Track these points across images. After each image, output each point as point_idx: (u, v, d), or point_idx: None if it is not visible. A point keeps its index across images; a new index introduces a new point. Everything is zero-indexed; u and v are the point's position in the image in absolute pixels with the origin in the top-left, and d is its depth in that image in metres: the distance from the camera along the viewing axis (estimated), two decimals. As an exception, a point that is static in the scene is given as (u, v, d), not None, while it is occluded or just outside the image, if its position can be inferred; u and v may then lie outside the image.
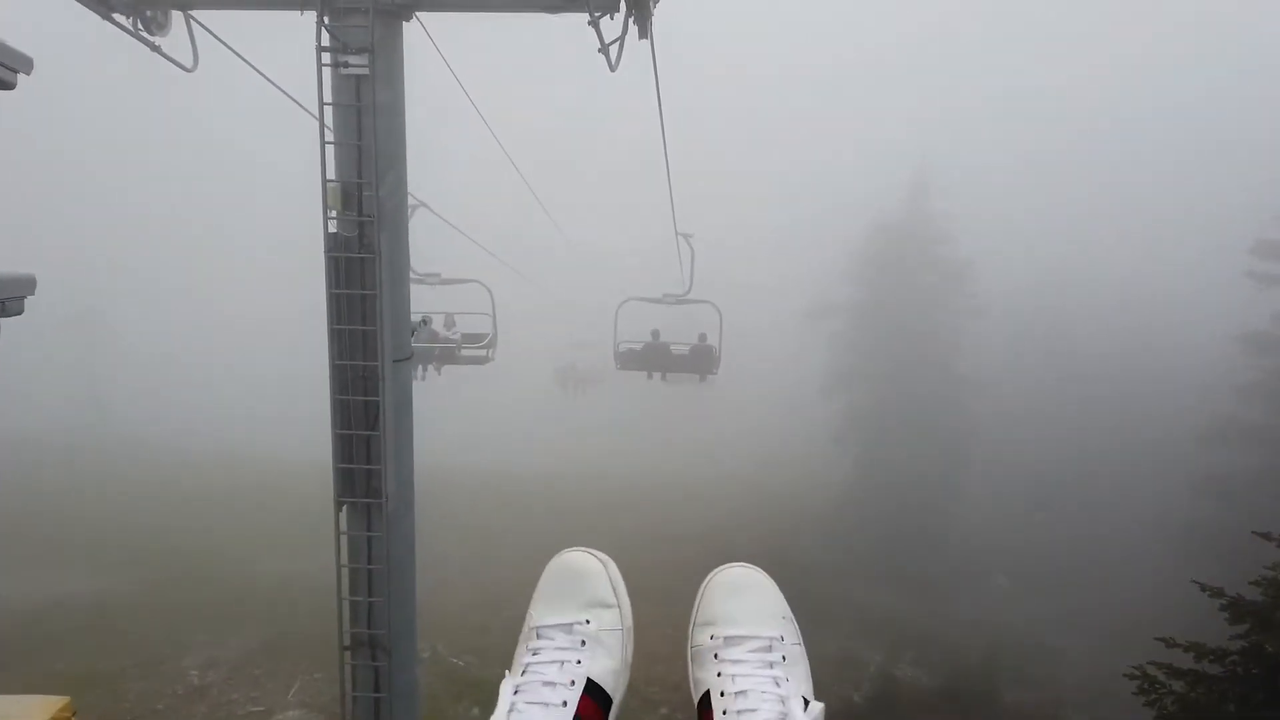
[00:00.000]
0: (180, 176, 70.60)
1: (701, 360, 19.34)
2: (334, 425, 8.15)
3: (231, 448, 46.60)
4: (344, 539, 8.39)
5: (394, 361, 8.29)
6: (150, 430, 48.85)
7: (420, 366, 16.42)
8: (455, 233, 15.73)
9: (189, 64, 9.01)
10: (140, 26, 8.31)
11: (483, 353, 17.45)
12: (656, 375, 19.82)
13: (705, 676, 2.08)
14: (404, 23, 8.15)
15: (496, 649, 23.59)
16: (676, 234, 17.16)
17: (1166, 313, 47.17)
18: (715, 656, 2.08)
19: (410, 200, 13.19)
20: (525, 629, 2.24)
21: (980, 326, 40.87)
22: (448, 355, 17.57)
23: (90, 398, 52.03)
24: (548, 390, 34.35)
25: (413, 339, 16.30)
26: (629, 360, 19.49)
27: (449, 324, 18.16)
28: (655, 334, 19.70)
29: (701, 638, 2.16)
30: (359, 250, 8.01)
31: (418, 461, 8.87)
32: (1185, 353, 42.71)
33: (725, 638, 2.11)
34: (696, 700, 2.05)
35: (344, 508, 8.34)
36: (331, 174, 7.93)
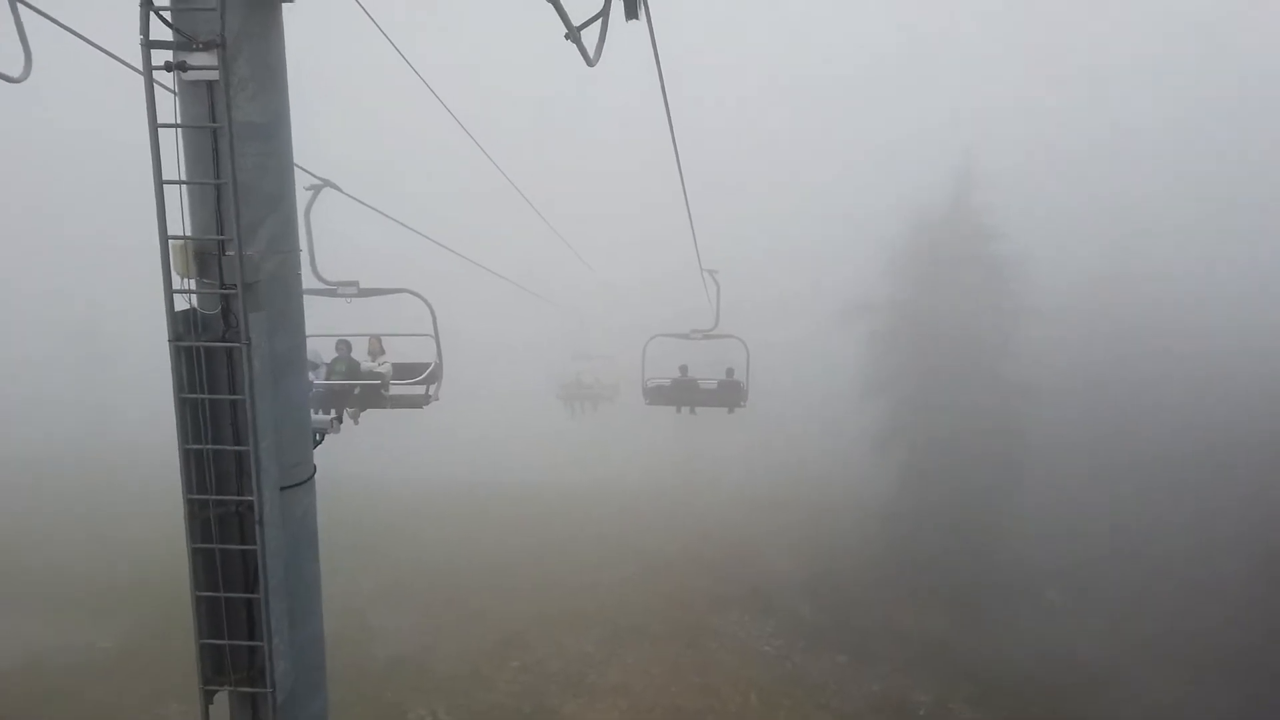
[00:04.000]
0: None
1: (730, 394, 19.45)
2: (193, 585, 5.70)
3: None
4: (218, 743, 5.94)
5: (282, 489, 5.81)
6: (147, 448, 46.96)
7: (331, 412, 12.51)
8: (418, 231, 13.21)
9: (17, 72, 6.59)
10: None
11: (421, 390, 12.93)
12: (685, 409, 19.98)
13: None
14: (285, 3, 5.65)
15: (500, 713, 21.26)
16: (701, 269, 17.36)
17: (1243, 311, 43.59)
18: None
19: (313, 181, 10.68)
20: None
21: (1032, 327, 37.83)
22: (371, 395, 12.93)
23: (92, 411, 50.35)
24: (555, 404, 31.78)
25: (322, 374, 13.23)
26: (658, 396, 19.56)
27: (375, 351, 13.66)
28: (683, 369, 20.07)
29: None
30: (222, 335, 5.54)
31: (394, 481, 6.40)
32: (1267, 356, 39.39)
33: None
34: None
35: (214, 698, 5.88)
36: (178, 226, 5.45)
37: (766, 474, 44.43)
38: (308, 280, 10.75)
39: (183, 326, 5.49)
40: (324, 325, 11.89)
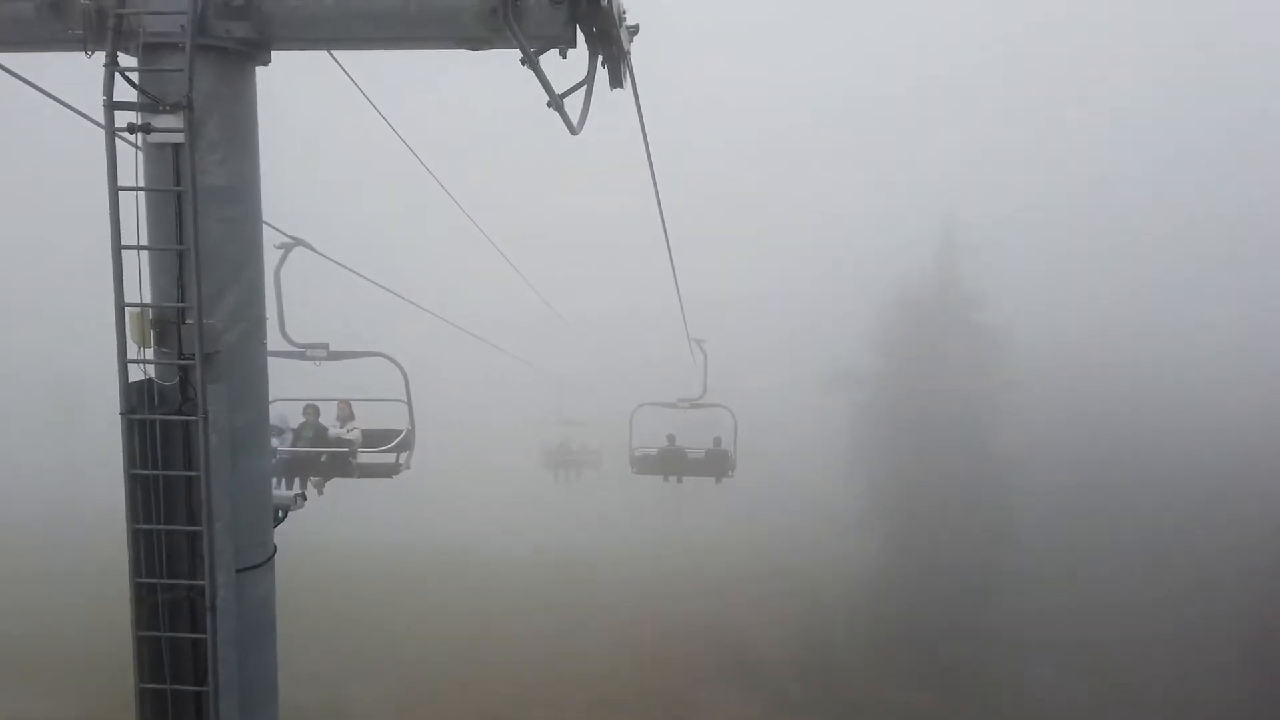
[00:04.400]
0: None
1: (717, 464, 19.49)
2: (137, 676, 5.31)
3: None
4: None
5: (238, 572, 5.46)
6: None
7: (295, 485, 11.98)
8: (392, 292, 12.96)
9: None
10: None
11: (391, 458, 12.30)
12: (672, 478, 19.91)
13: None
14: (259, 66, 5.48)
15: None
16: (689, 340, 17.66)
17: (1233, 377, 43.63)
18: None
19: (284, 240, 10.04)
20: None
21: (1017, 397, 37.71)
22: (338, 464, 12.19)
23: (65, 476, 49.23)
24: (536, 469, 31.11)
25: (287, 439, 12.39)
26: (645, 465, 19.57)
27: (344, 416, 12.93)
28: (671, 439, 20.07)
29: None
30: (179, 408, 5.25)
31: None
32: (1257, 422, 39.38)
33: None
34: None
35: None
36: (136, 293, 5.19)
37: (748, 544, 43.67)
38: (276, 342, 10.44)
39: (136, 399, 5.20)
40: (293, 389, 11.54)
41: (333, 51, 6.57)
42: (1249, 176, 60.33)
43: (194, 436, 5.20)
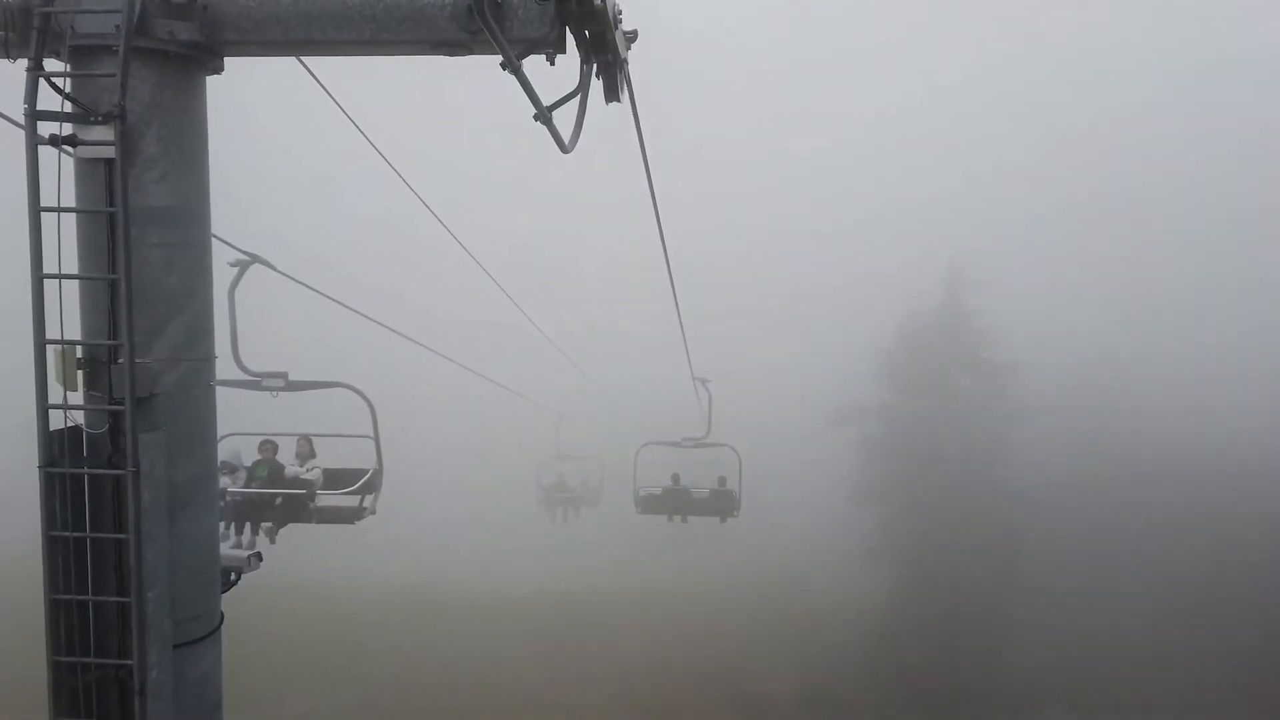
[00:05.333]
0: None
1: (722, 503, 19.34)
2: (55, 772, 4.61)
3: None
4: None
5: (175, 647, 4.77)
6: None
7: (245, 534, 10.78)
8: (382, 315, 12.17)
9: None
10: None
11: (354, 501, 11.07)
12: (676, 518, 19.73)
13: None
14: (210, 75, 4.88)
15: None
16: (693, 378, 17.76)
17: (1248, 400, 42.91)
18: None
19: (239, 257, 9.18)
20: None
21: (1024, 431, 37.10)
22: (295, 507, 10.90)
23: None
24: (532, 507, 29.96)
25: (240, 479, 11.21)
26: (649, 505, 19.49)
27: (304, 454, 11.62)
28: (675, 478, 20.01)
29: None
30: (107, 461, 4.59)
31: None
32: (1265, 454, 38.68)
33: None
34: None
35: None
36: (59, 329, 4.55)
37: (754, 577, 42.61)
38: (229, 370, 9.61)
39: (59, 449, 4.53)
40: (248, 423, 10.73)
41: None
42: (1262, 191, 59.75)
43: (122, 495, 4.54)
